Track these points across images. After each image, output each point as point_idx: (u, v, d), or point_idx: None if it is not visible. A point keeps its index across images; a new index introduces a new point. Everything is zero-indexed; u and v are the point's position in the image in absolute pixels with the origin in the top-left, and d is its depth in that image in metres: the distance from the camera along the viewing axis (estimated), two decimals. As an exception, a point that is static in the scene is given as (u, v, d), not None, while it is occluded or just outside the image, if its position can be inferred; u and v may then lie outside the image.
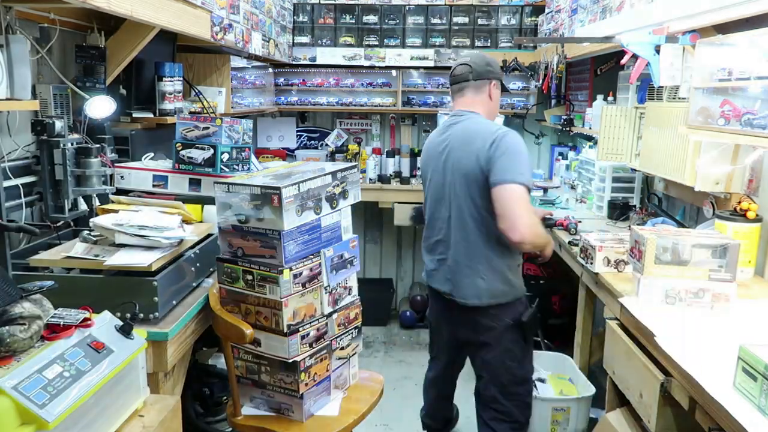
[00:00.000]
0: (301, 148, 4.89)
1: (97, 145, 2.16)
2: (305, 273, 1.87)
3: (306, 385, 1.91)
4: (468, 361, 2.55)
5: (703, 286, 1.75)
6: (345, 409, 2.05)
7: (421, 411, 2.82)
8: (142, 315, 1.73)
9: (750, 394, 1.23)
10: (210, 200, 2.18)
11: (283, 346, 1.85)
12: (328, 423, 1.97)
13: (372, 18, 4.49)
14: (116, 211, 1.98)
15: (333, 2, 4.47)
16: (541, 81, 4.02)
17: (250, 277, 1.85)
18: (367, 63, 4.46)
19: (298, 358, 1.87)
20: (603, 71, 3.72)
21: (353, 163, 2.16)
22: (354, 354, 2.16)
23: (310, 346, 1.92)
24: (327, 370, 2.01)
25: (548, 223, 2.89)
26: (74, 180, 2.09)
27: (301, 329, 1.88)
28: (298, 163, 3.20)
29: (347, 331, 2.08)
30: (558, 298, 3.98)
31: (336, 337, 2.03)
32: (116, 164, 2.39)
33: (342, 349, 2.07)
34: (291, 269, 1.82)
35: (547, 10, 4.16)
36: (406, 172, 4.57)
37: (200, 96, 3.02)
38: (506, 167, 2.11)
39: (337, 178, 2.00)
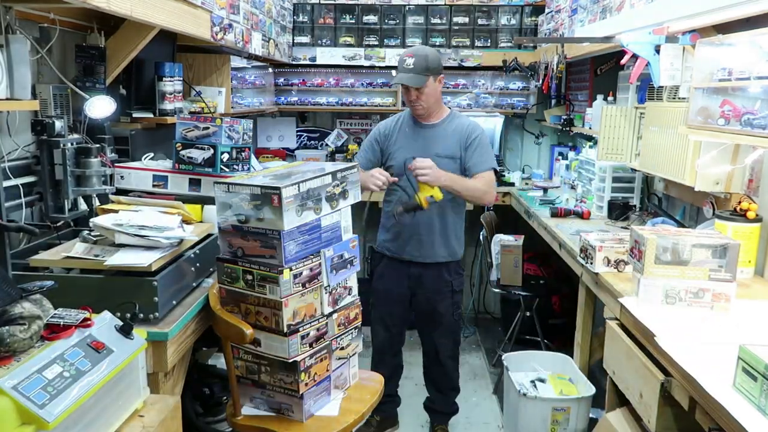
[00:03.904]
0: (301, 148, 4.88)
1: (97, 145, 2.16)
2: (305, 273, 1.87)
3: (306, 385, 1.91)
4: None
5: (703, 286, 1.75)
6: (345, 409, 2.04)
7: None
8: (142, 315, 1.72)
9: (750, 394, 1.23)
10: (210, 200, 2.18)
11: (283, 346, 1.85)
12: (328, 423, 1.97)
13: (372, 18, 4.48)
14: (116, 211, 1.98)
15: (333, 2, 4.47)
16: (541, 81, 4.02)
17: (250, 277, 1.85)
18: (367, 63, 4.46)
19: (298, 358, 1.87)
20: (603, 71, 3.72)
21: (353, 163, 2.16)
22: (354, 354, 2.16)
23: (310, 346, 1.92)
24: (327, 370, 2.01)
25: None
26: (74, 180, 2.08)
27: (301, 329, 1.87)
28: (298, 163, 3.20)
29: (347, 331, 2.08)
30: (558, 298, 3.98)
31: (336, 337, 2.03)
32: (116, 164, 2.39)
33: (342, 349, 2.07)
34: (291, 269, 1.82)
35: (547, 10, 4.16)
36: (406, 172, 4.56)
37: (200, 96, 3.01)
38: None
39: (337, 178, 2.00)
